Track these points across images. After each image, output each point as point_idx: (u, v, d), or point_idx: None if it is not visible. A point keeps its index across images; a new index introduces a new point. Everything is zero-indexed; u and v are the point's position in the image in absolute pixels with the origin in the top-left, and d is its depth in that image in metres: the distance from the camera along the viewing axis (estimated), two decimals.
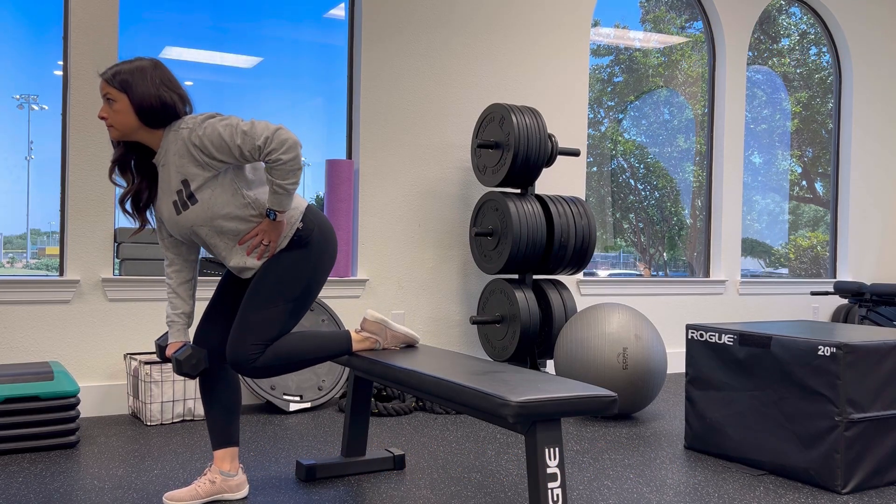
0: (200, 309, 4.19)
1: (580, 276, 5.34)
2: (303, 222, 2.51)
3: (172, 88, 2.41)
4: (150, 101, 2.36)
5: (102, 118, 2.39)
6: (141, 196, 2.48)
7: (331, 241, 2.57)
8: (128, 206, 2.49)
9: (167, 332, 2.64)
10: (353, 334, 2.68)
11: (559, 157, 5.21)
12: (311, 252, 2.51)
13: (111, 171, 2.48)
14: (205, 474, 2.64)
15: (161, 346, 2.64)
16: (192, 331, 4.18)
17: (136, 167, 2.49)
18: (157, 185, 2.48)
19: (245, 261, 2.50)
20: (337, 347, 2.62)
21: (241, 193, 2.43)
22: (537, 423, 2.01)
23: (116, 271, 4.08)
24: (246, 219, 2.45)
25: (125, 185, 2.49)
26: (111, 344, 3.98)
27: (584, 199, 5.09)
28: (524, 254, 4.33)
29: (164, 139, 2.41)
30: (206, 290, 4.16)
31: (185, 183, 2.39)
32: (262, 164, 2.53)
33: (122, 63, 2.39)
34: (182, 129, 2.37)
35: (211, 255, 2.57)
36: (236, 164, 2.40)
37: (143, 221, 2.51)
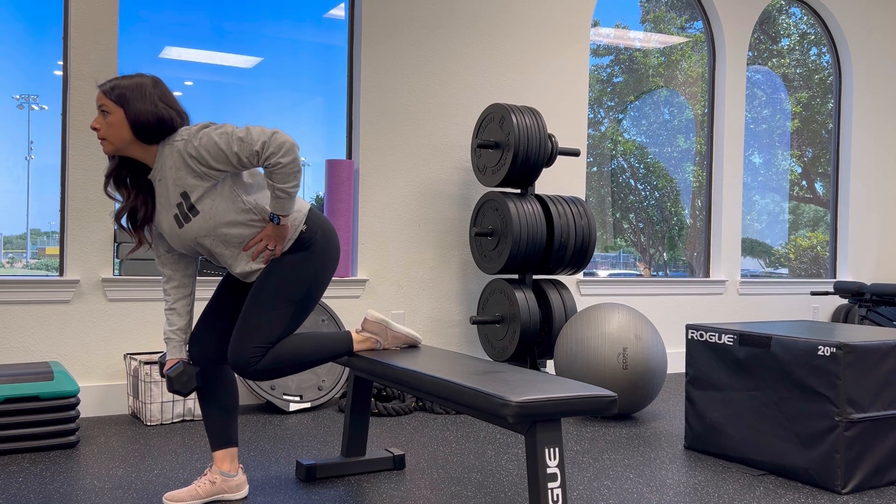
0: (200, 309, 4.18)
1: (580, 276, 5.34)
2: (306, 224, 2.51)
3: (170, 105, 2.38)
4: (147, 118, 2.32)
5: (95, 129, 2.35)
6: (137, 212, 2.43)
7: (333, 244, 2.58)
8: (124, 222, 2.44)
9: None
10: (353, 335, 2.68)
11: (559, 157, 5.21)
12: (314, 254, 2.51)
13: (106, 185, 2.44)
14: (205, 474, 2.64)
15: (162, 364, 2.66)
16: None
17: (132, 183, 2.44)
18: (155, 201, 2.44)
19: (251, 266, 2.50)
20: (337, 348, 2.62)
21: (240, 199, 2.42)
22: (537, 423, 2.01)
23: (116, 271, 4.08)
24: (248, 224, 2.44)
25: (121, 198, 2.45)
26: (111, 344, 3.98)
27: (584, 199, 5.09)
28: (524, 254, 4.33)
29: (159, 154, 2.38)
30: (206, 291, 4.16)
31: (185, 196, 2.36)
32: (260, 169, 2.53)
33: (122, 77, 2.37)
34: (177, 142, 2.35)
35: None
36: (234, 171, 2.39)
37: (140, 239, 2.46)
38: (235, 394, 2.70)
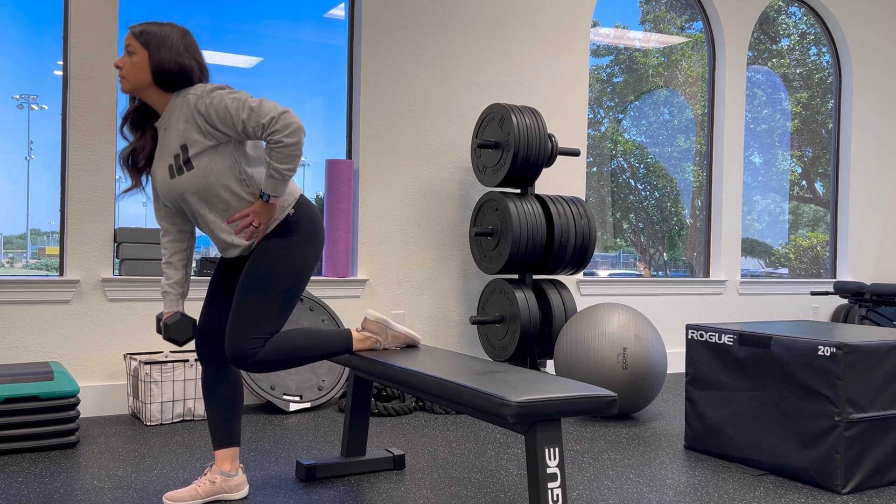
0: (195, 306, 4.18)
1: (580, 276, 5.34)
2: (294, 209, 2.51)
3: (194, 57, 2.45)
4: (169, 66, 2.40)
5: (118, 67, 2.42)
6: (137, 155, 2.50)
7: (319, 232, 2.57)
8: (128, 161, 2.52)
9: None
10: (353, 333, 2.68)
11: (559, 157, 5.21)
12: (299, 241, 2.50)
13: (122, 126, 2.52)
14: (205, 474, 2.64)
15: (159, 318, 2.65)
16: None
17: (143, 126, 2.52)
18: (155, 148, 2.50)
19: (232, 238, 2.49)
20: (337, 345, 2.62)
21: (238, 168, 2.43)
22: (537, 423, 2.01)
23: (116, 271, 4.08)
24: (238, 195, 2.45)
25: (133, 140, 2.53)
26: (111, 344, 3.98)
27: (584, 199, 5.09)
28: (524, 254, 4.33)
29: (170, 103, 2.44)
30: (201, 290, 4.16)
31: (184, 148, 2.40)
32: (263, 143, 2.53)
33: (153, 23, 2.44)
34: (190, 95, 2.39)
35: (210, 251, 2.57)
36: (237, 138, 2.41)
37: (136, 181, 2.53)
38: (240, 394, 2.70)
